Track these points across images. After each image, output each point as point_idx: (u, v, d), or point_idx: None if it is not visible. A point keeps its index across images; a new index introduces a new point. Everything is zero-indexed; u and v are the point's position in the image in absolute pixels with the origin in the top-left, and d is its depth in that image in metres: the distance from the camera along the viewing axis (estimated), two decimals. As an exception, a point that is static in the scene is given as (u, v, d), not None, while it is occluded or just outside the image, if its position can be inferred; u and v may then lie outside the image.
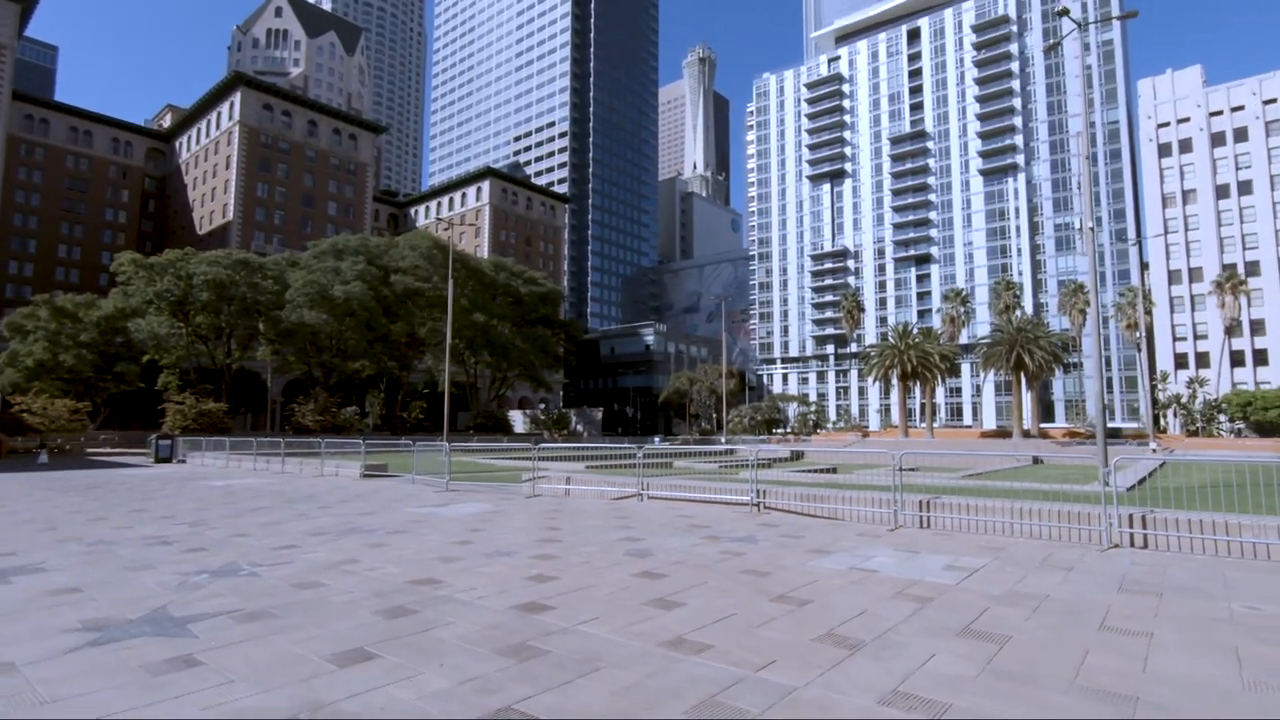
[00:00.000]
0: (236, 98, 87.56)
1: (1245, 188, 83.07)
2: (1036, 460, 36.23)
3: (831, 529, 10.45)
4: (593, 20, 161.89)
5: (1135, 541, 8.84)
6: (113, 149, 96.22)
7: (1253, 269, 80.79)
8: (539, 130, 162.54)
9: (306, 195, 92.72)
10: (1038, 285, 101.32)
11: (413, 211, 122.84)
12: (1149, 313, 77.23)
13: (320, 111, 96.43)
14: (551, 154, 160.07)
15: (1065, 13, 18.46)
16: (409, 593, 6.52)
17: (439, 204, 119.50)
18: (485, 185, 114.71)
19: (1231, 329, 77.93)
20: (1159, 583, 6.91)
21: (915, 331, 67.20)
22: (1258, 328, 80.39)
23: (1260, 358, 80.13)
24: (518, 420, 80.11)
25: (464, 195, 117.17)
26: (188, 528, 10.99)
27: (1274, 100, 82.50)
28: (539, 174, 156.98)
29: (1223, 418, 69.55)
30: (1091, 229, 17.82)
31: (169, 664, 4.54)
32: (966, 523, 10.24)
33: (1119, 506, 9.08)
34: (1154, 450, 40.68)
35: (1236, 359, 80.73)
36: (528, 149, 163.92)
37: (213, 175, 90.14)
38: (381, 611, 5.84)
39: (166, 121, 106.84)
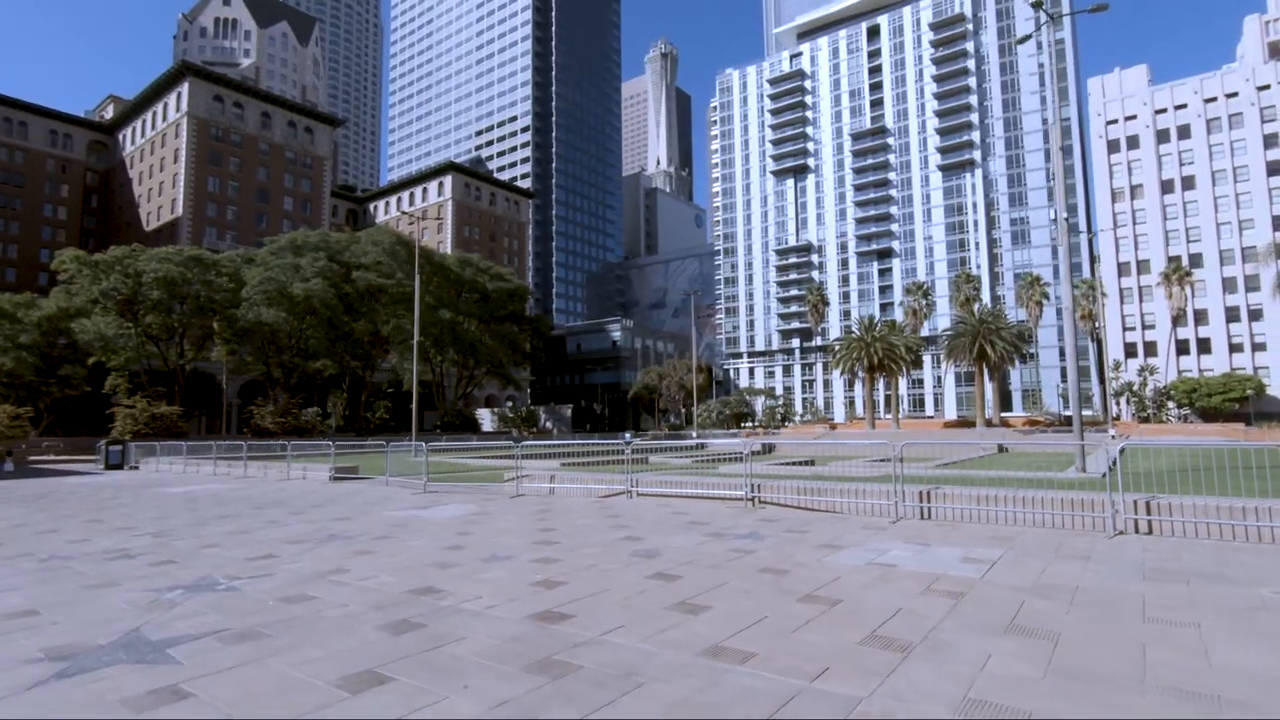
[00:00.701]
0: (184, 88, 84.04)
1: (1189, 183, 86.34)
2: (1002, 449, 37.02)
3: (834, 522, 10.24)
4: (554, 13, 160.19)
5: (1140, 528, 8.82)
6: (51, 141, 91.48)
7: (1196, 261, 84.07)
8: (501, 124, 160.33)
9: (261, 190, 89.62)
10: (995, 278, 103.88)
11: (372, 207, 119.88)
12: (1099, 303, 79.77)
13: (274, 103, 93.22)
14: (514, 148, 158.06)
15: (1038, 4, 18.63)
16: (410, 604, 6.04)
17: (399, 199, 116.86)
18: (447, 180, 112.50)
19: (1177, 319, 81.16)
20: (1179, 569, 6.83)
21: (880, 324, 68.24)
22: (1201, 317, 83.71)
23: (1204, 346, 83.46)
24: (485, 419, 78.94)
25: (425, 190, 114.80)
26: (151, 539, 10.24)
27: (1214, 99, 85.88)
28: (501, 169, 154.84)
29: (1171, 404, 72.33)
30: (1066, 219, 18.06)
31: (153, 697, 4.01)
32: (967, 512, 10.14)
33: (1123, 493, 9.05)
34: (1112, 437, 41.93)
35: (1182, 348, 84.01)
36: (489, 143, 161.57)
37: (160, 169, 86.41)
38: (385, 626, 5.36)
39: (109, 113, 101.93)
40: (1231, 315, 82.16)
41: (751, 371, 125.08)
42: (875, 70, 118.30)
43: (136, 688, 4.15)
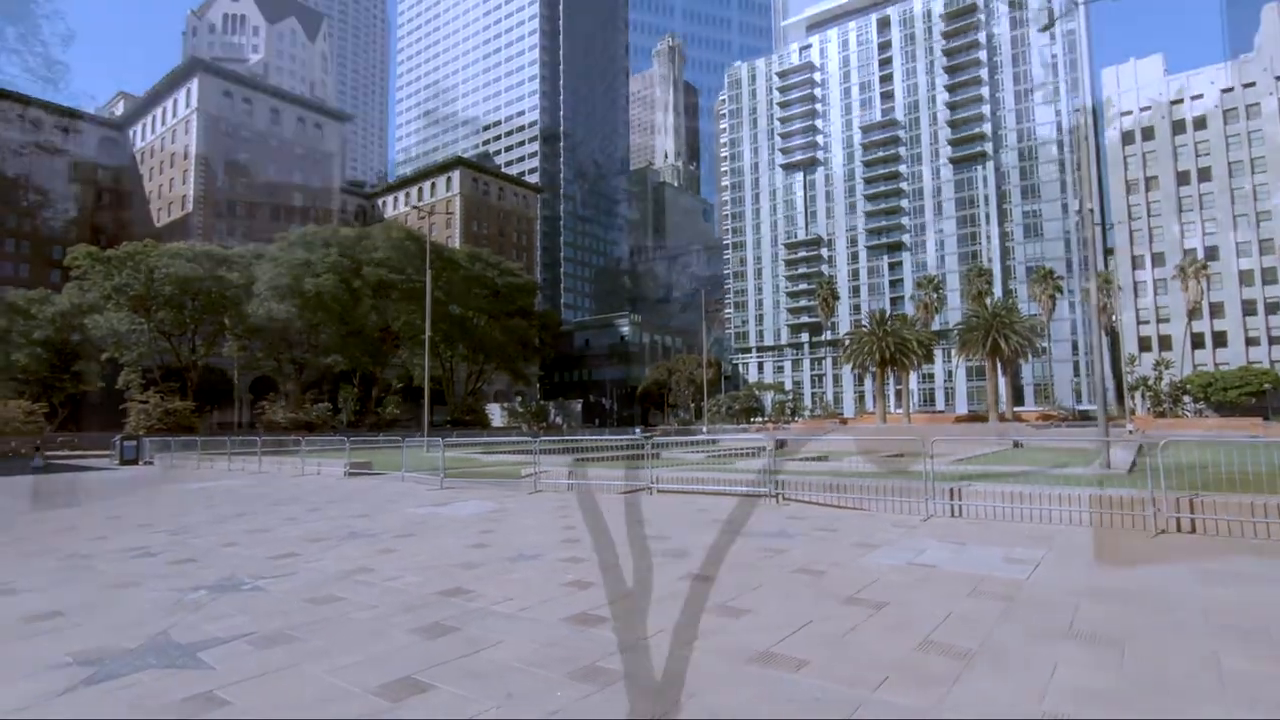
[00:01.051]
0: (194, 84, 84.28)
1: (1205, 174, 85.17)
2: (1017, 444, 36.60)
3: (863, 520, 10.03)
4: (562, 7, 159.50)
5: (1183, 526, 8.57)
6: (62, 138, 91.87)
7: (1212, 253, 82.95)
8: (509, 119, 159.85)
9: (271, 186, 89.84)
10: (1007, 271, 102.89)
11: (381, 202, 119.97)
12: (1114, 296, 78.90)
13: (283, 99, 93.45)
14: (522, 143, 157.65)
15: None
16: (441, 606, 5.88)
17: (408, 194, 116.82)
18: (455, 175, 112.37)
19: (1193, 312, 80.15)
20: (1233, 571, 6.60)
21: (891, 318, 67.77)
22: (1217, 310, 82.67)
23: (1219, 339, 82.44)
24: (495, 414, 78.96)
25: (434, 185, 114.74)
26: (169, 536, 10.14)
27: (1230, 89, 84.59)
28: (509, 164, 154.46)
29: (1187, 399, 71.53)
30: (1091, 210, 17.70)
31: (189, 705, 3.86)
32: (999, 510, 9.91)
33: (1165, 491, 8.80)
34: (1130, 432, 41.46)
35: (1197, 341, 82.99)
36: (497, 138, 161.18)
37: (170, 165, 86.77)
38: (418, 630, 5.20)
39: (119, 109, 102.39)
40: (1248, 308, 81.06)
41: (760, 366, 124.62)
42: (885, 62, 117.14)
43: (171, 694, 4.00)
